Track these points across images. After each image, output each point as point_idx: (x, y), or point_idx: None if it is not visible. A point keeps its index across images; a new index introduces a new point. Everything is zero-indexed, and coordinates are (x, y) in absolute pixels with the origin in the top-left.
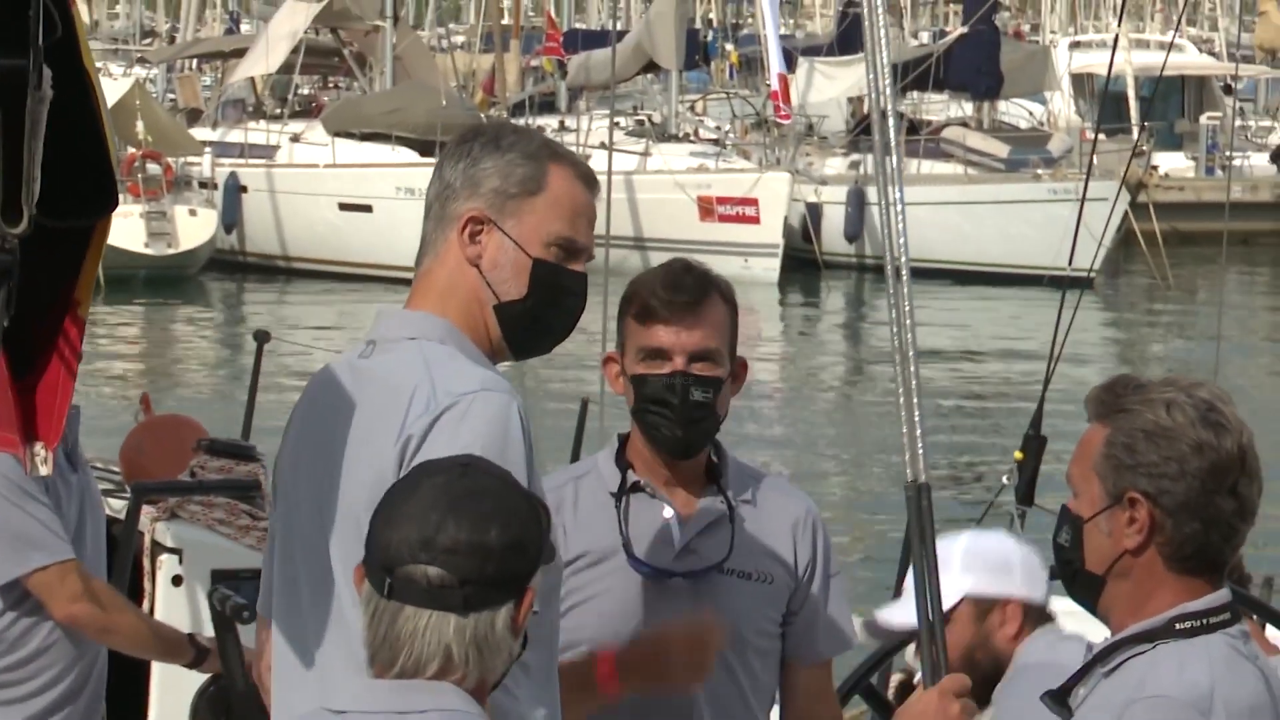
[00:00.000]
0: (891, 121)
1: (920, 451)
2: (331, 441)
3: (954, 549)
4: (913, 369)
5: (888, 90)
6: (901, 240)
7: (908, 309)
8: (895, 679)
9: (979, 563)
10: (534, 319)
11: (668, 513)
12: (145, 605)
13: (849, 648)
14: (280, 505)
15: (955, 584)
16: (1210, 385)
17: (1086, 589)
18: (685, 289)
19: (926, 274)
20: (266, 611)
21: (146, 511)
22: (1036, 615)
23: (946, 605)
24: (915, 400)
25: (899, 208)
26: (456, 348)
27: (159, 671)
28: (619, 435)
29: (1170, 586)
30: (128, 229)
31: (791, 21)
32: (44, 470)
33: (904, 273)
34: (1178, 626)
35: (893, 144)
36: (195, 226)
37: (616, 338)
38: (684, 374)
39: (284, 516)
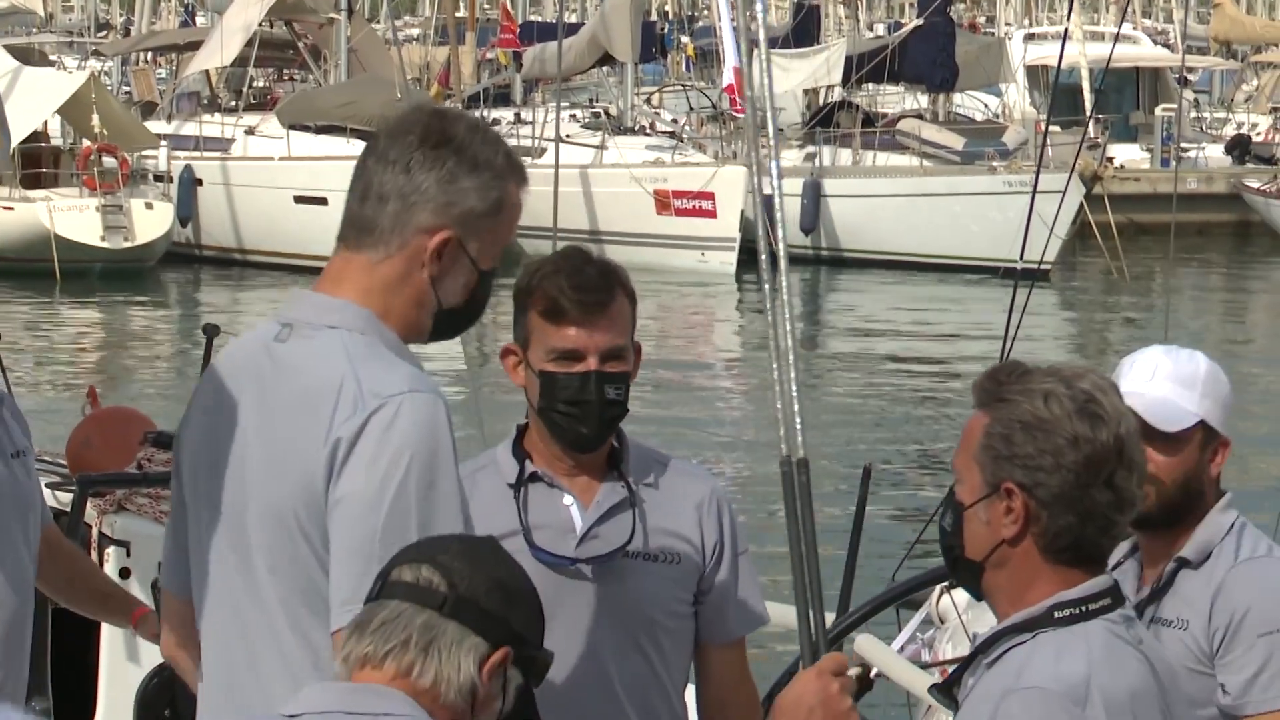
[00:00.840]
0: (770, 113)
1: (798, 427)
2: (254, 431)
3: (1199, 368)
4: (790, 344)
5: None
6: (780, 214)
7: (784, 284)
8: (852, 671)
9: (1217, 391)
10: (465, 319)
11: (567, 500)
12: None
13: (761, 624)
14: (190, 482)
15: (1197, 404)
16: (1094, 375)
17: (967, 575)
18: (593, 288)
19: (881, 265)
20: (171, 585)
21: (94, 504)
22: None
23: (1186, 423)
24: (792, 376)
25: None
26: (377, 338)
27: (107, 658)
28: (517, 426)
29: (1047, 576)
30: (84, 222)
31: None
32: None
33: (781, 250)
34: (1056, 615)
35: (771, 130)
36: (151, 220)
37: (515, 328)
38: (598, 373)
39: (197, 495)
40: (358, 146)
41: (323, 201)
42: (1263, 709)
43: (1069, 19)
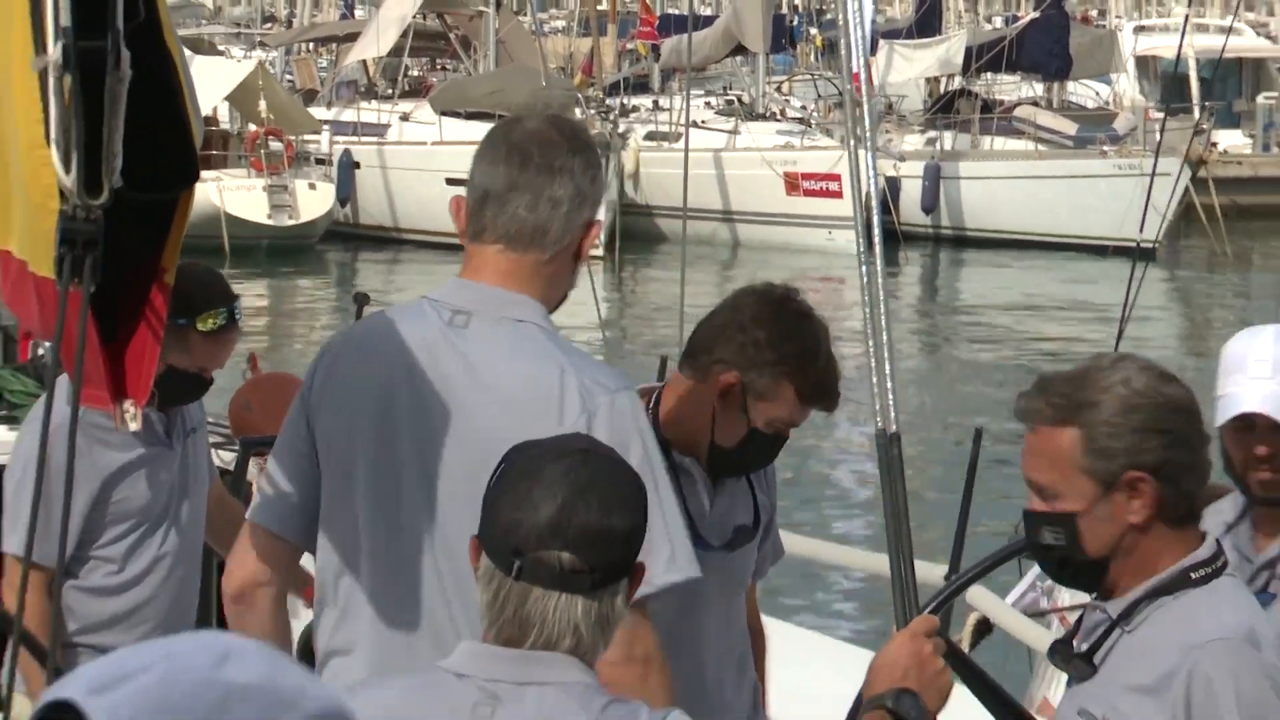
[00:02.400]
0: (869, 102)
1: (891, 402)
2: (457, 417)
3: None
4: (884, 323)
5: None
6: (868, 192)
7: (879, 267)
8: (972, 618)
9: None
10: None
11: (699, 487)
12: None
13: (781, 556)
14: (344, 446)
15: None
16: (1128, 354)
17: (1089, 575)
18: (835, 393)
19: (997, 244)
20: (281, 528)
21: (255, 463)
22: None
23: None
24: (886, 354)
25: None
26: (554, 331)
27: None
28: (641, 389)
29: (1173, 544)
30: (252, 201)
31: (873, 6)
32: (133, 425)
33: (877, 235)
34: (1193, 576)
35: (868, 127)
36: (314, 199)
37: (750, 369)
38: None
39: (353, 458)
40: None
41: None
42: None
43: (1187, 11)
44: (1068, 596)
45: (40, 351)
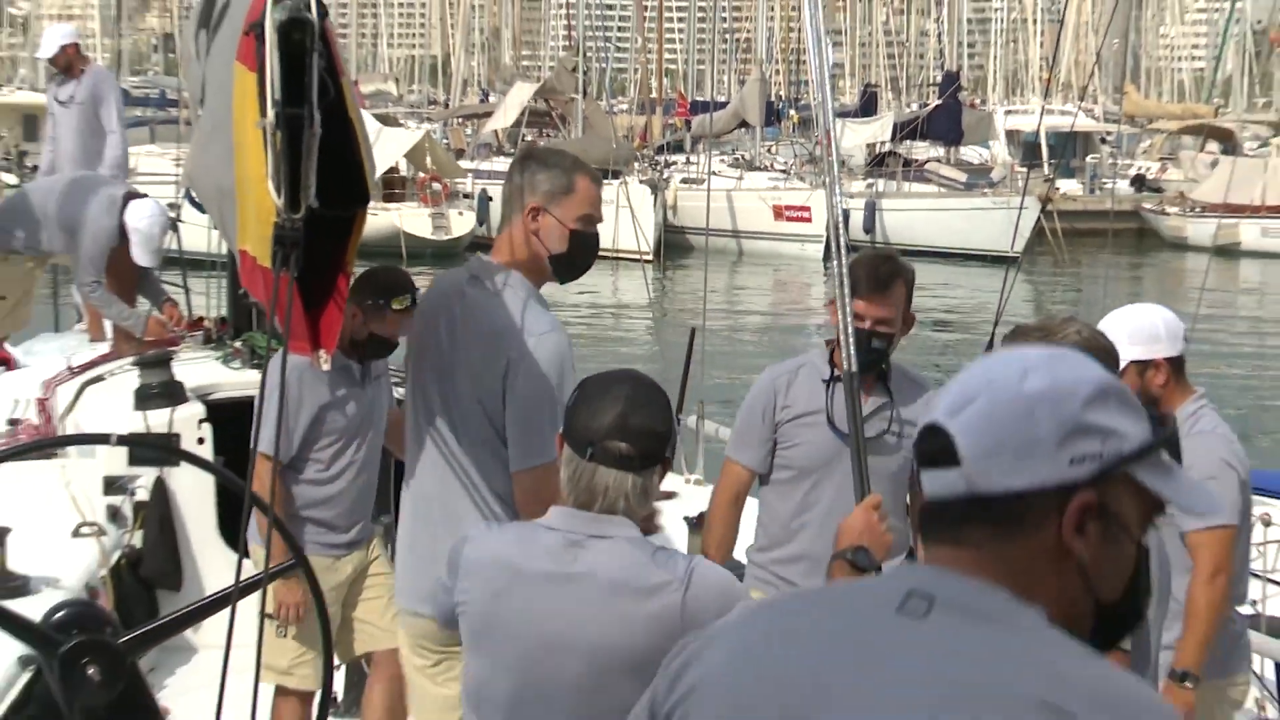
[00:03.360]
0: (834, 158)
1: (852, 352)
2: (471, 345)
3: (1122, 327)
4: (847, 304)
5: (832, 135)
6: (835, 217)
7: (844, 265)
8: None
9: (1140, 335)
10: (570, 262)
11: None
12: None
13: None
14: (424, 373)
15: (1125, 353)
16: (1072, 317)
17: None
18: (879, 278)
19: (914, 252)
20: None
21: None
22: (1177, 364)
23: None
24: (849, 327)
25: (838, 211)
26: (524, 287)
27: None
28: (826, 341)
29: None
30: (420, 223)
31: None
32: (325, 366)
33: (842, 241)
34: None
35: (834, 176)
36: (461, 222)
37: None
38: (869, 332)
39: (429, 385)
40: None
41: None
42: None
43: (1042, 102)
44: None
45: (269, 320)
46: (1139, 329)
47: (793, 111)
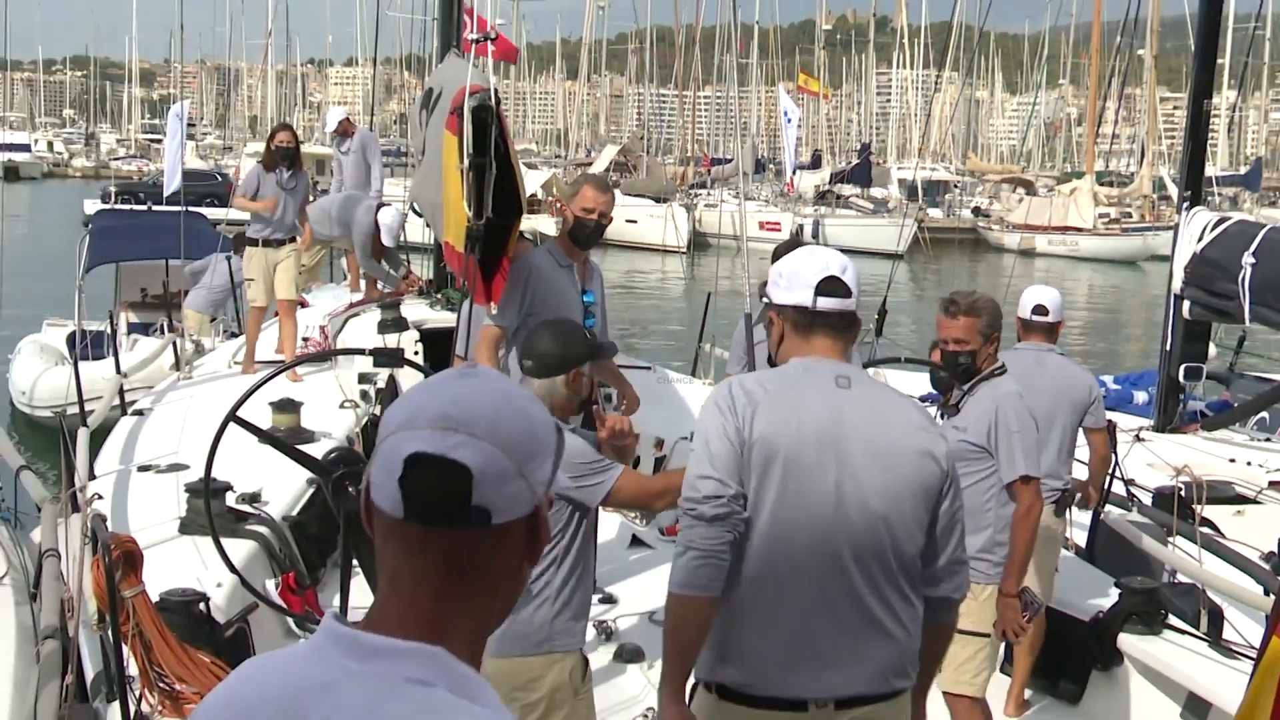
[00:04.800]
0: (743, 188)
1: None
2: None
3: (1055, 296)
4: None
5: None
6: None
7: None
8: None
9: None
10: (578, 237)
11: None
12: None
13: None
14: None
15: (1056, 314)
16: (978, 291)
17: (973, 374)
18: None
19: (843, 250)
20: None
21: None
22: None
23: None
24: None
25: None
26: (556, 252)
27: None
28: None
29: (993, 359)
30: (548, 226)
31: (795, 159)
32: (494, 310)
33: (744, 248)
34: (996, 371)
35: (741, 198)
36: None
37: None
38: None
39: None
40: (648, 204)
41: (634, 221)
42: None
43: (916, 161)
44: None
45: (460, 283)
46: (1057, 301)
47: (771, 165)
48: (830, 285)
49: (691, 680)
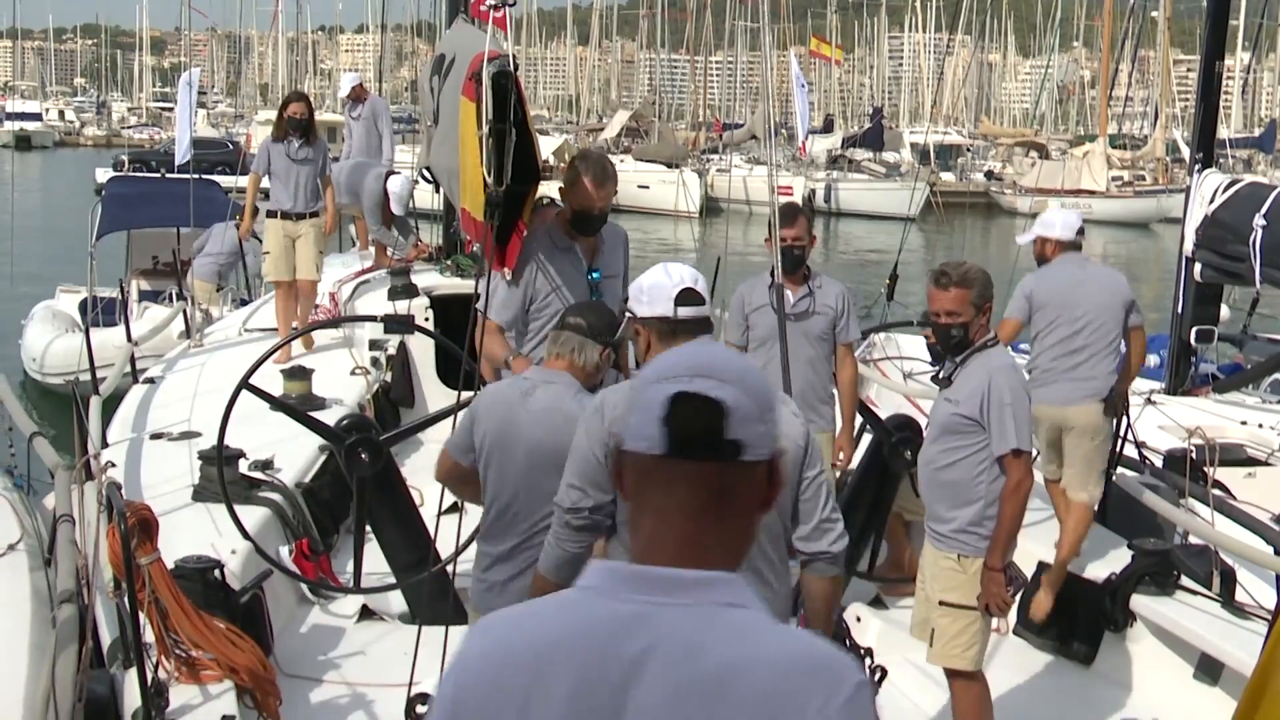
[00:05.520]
0: (770, 161)
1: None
2: None
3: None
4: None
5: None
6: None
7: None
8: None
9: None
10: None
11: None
12: None
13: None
14: None
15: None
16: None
17: (964, 347)
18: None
19: (856, 215)
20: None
21: None
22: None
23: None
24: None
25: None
26: (555, 227)
27: None
28: (770, 270)
29: (985, 330)
30: (555, 195)
31: (807, 124)
32: (509, 276)
33: (775, 216)
34: (989, 344)
35: (771, 169)
36: None
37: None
38: (789, 247)
39: None
40: (661, 169)
41: (647, 187)
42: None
43: (928, 125)
44: (893, 351)
45: (475, 248)
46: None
47: (783, 130)
48: (688, 296)
49: None
